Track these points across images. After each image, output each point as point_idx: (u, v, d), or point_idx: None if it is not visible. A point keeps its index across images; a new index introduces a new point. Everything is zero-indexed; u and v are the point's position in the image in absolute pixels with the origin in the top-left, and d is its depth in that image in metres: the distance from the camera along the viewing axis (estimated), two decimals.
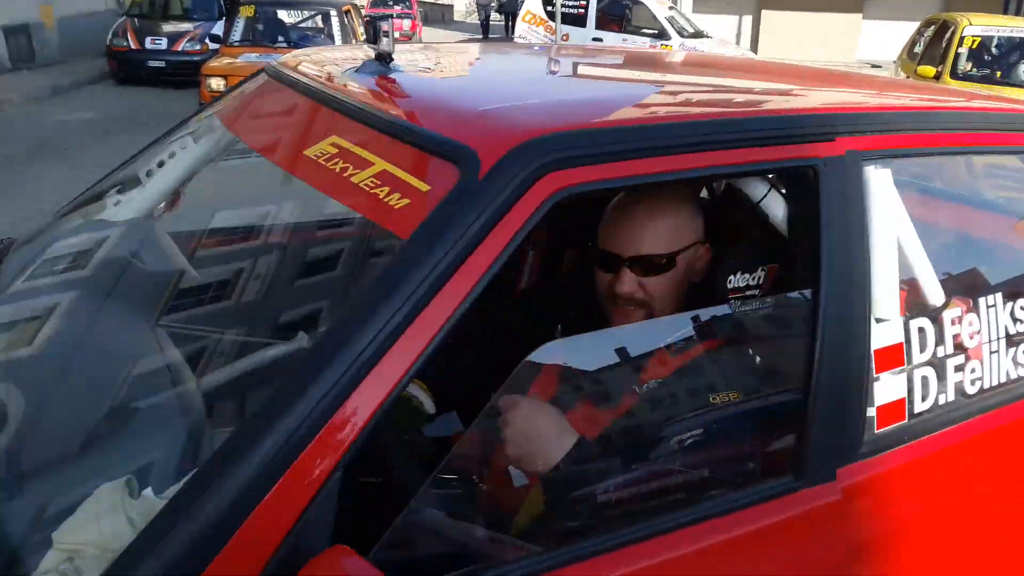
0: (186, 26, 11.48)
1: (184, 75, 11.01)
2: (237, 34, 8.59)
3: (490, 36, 19.51)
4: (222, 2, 12.04)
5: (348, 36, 8.75)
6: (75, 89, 10.84)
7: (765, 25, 15.55)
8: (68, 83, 10.87)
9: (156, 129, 8.74)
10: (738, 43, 15.58)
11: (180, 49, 11.03)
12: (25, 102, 9.65)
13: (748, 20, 15.86)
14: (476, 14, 29.72)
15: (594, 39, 11.09)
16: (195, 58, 11.03)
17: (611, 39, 11.04)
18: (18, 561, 1.15)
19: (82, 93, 10.69)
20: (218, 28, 11.43)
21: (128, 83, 11.14)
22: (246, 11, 8.70)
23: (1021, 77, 7.27)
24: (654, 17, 10.90)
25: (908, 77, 8.21)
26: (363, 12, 11.09)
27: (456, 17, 41.13)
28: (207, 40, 11.18)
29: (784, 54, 14.67)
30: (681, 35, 10.88)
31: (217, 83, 7.21)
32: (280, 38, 8.78)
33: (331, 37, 8.75)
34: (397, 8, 17.92)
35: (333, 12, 8.88)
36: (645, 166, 1.16)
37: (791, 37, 15.05)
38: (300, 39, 8.66)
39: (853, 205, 1.31)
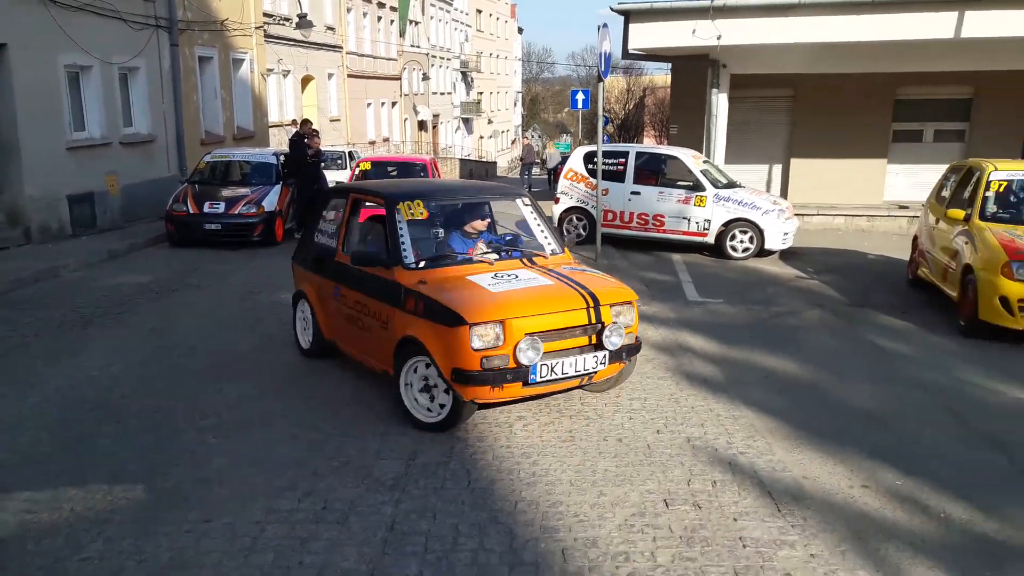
0: (244, 191, 12.32)
1: (239, 236, 11.82)
2: None
3: (532, 190, 20.69)
4: (280, 167, 12.99)
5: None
6: (132, 252, 11.41)
7: (795, 172, 16.26)
8: (126, 247, 11.47)
9: (208, 289, 9.38)
10: (768, 190, 16.24)
11: (237, 212, 11.82)
12: (81, 266, 10.12)
13: (778, 168, 16.59)
14: (518, 170, 31.85)
15: (632, 193, 11.75)
16: (251, 220, 11.85)
17: (648, 192, 11.67)
18: None
19: (138, 256, 11.23)
20: (275, 192, 12.35)
21: (183, 245, 11.74)
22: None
23: None
24: (689, 171, 11.55)
25: (937, 220, 8.55)
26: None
27: (499, 173, 43.51)
28: (263, 203, 12.03)
29: (814, 199, 15.25)
30: (715, 186, 11.47)
31: None
32: None
33: None
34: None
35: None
36: None
37: (820, 182, 15.69)
38: None
39: None
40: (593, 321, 4.78)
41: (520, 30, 71.62)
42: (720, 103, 14.04)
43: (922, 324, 7.75)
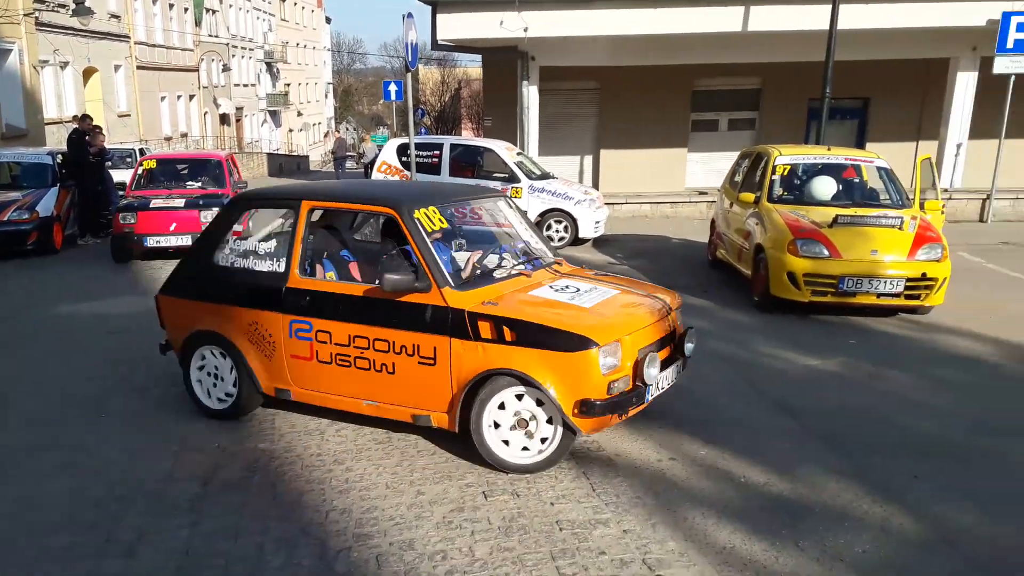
0: (14, 195, 11.12)
1: (10, 245, 10.62)
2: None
3: None
4: (57, 168, 11.79)
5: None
6: None
7: (604, 163, 16.98)
8: None
9: None
10: (581, 180, 16.85)
11: (6, 219, 10.62)
12: None
13: (589, 159, 17.26)
14: (331, 164, 31.08)
15: None
16: (23, 227, 10.69)
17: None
18: None
19: None
20: (51, 195, 11.19)
21: None
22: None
23: (814, 196, 8.30)
24: (504, 163, 11.69)
25: (732, 204, 9.20)
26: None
27: (312, 167, 42.11)
28: (37, 208, 10.88)
29: (623, 188, 16.01)
30: (530, 177, 11.70)
31: None
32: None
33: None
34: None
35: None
36: None
37: (628, 172, 16.50)
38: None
39: None
40: (673, 329, 4.60)
41: (328, 20, 69.91)
42: (531, 96, 14.36)
43: (722, 302, 8.30)
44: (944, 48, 13.95)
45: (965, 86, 14.01)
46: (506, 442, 4.14)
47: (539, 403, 4.06)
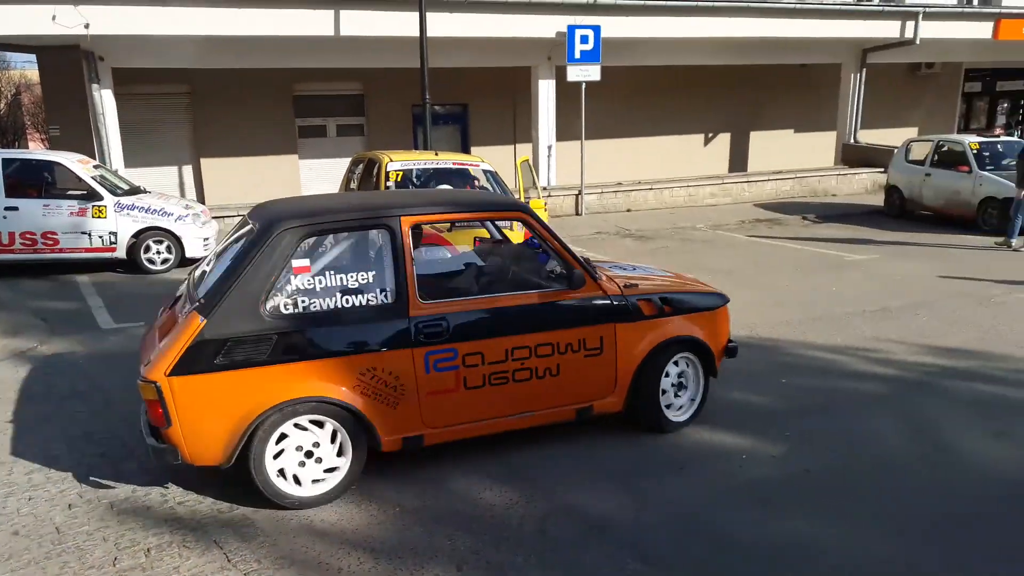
0: None
1: None
2: None
3: None
4: None
5: None
6: None
7: (208, 173, 15.74)
8: None
9: None
10: (183, 194, 15.42)
11: None
12: None
13: (189, 169, 15.87)
14: None
15: (7, 208, 9.78)
16: None
17: (29, 206, 9.87)
18: None
19: None
20: None
21: None
22: None
23: None
24: (79, 178, 10.09)
25: None
26: None
27: None
28: None
29: (234, 199, 15.00)
30: (115, 193, 10.27)
31: None
32: None
33: None
34: None
35: None
36: None
37: (237, 181, 15.49)
38: None
39: None
40: None
41: None
42: (105, 100, 12.70)
43: None
44: (525, 57, 15.33)
45: (547, 92, 15.55)
46: (671, 405, 4.85)
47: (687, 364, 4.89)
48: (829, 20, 16.10)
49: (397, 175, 8.55)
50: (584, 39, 14.09)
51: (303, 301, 3.87)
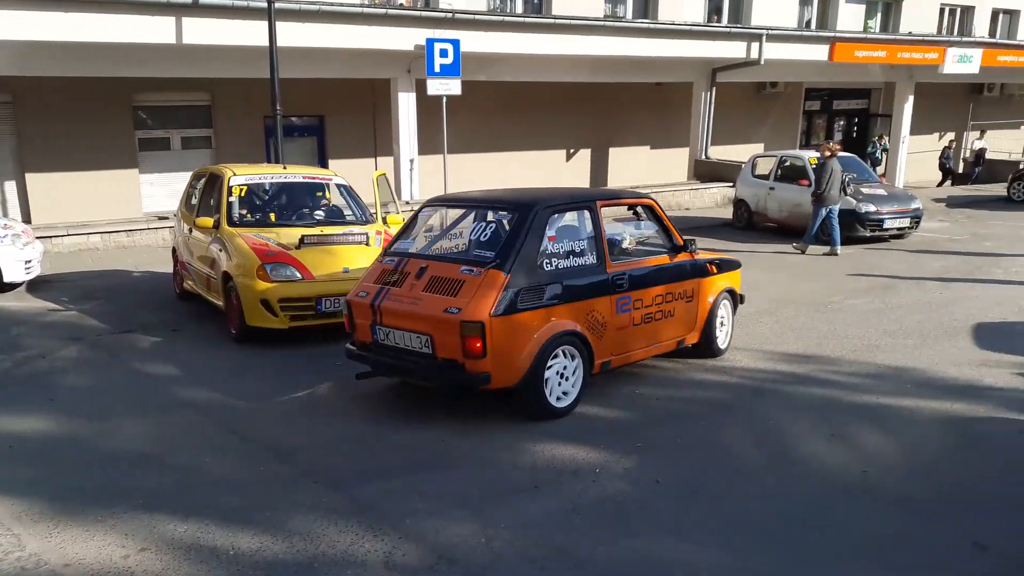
0: None
1: None
2: None
3: None
4: None
5: None
6: None
7: (34, 189, 14.58)
8: None
9: None
10: (4, 212, 14.23)
11: None
12: None
13: (12, 185, 14.65)
14: None
15: None
16: None
17: None
18: None
19: None
20: None
21: None
22: None
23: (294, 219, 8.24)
24: None
25: (191, 229, 8.55)
26: None
27: None
28: None
29: (64, 217, 13.96)
30: None
31: None
32: None
33: None
34: None
35: None
36: None
37: (68, 198, 14.43)
38: None
39: None
40: None
41: None
42: None
43: (195, 339, 7.64)
44: (384, 69, 15.15)
45: (407, 105, 15.42)
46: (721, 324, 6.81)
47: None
48: (680, 40, 16.82)
49: (241, 190, 8.19)
50: (444, 53, 14.08)
51: (555, 261, 5.38)
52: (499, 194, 6.19)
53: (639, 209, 6.40)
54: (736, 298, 7.00)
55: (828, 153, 12.30)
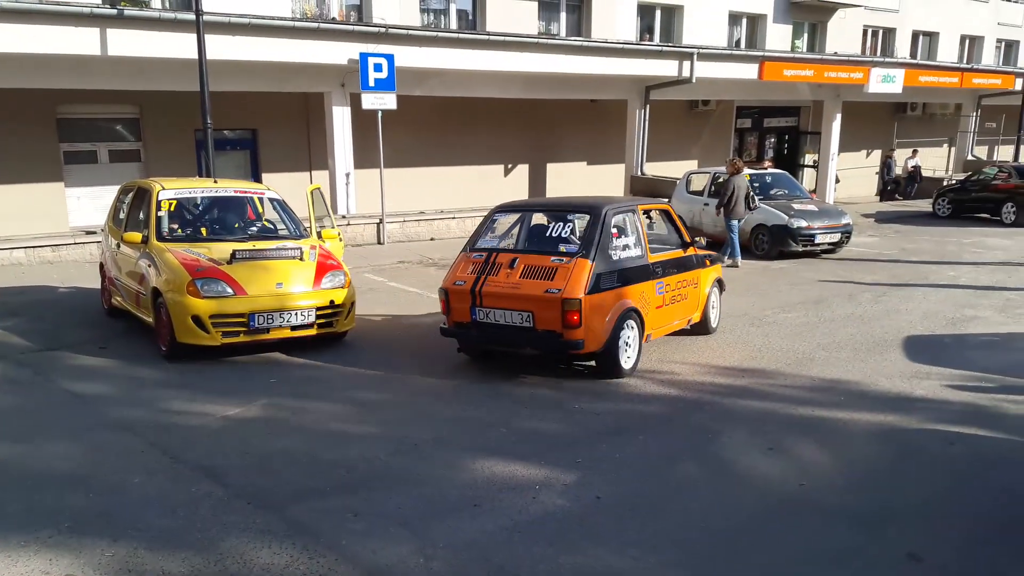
0: None
1: None
2: None
3: None
4: None
5: None
6: None
7: None
8: None
9: None
10: None
11: None
12: None
13: None
14: None
15: None
16: None
17: None
18: None
19: None
20: None
21: None
22: None
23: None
24: None
25: (119, 244, 8.29)
26: None
27: None
28: None
29: None
30: None
31: None
32: None
33: None
34: None
35: None
36: None
37: None
38: None
39: None
40: None
41: None
42: None
43: (124, 357, 7.39)
44: (317, 83, 14.97)
45: (341, 119, 15.26)
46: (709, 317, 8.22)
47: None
48: (612, 58, 17.06)
49: (170, 204, 7.98)
50: (378, 67, 14.01)
51: (618, 252, 6.70)
52: (568, 200, 7.78)
53: (656, 212, 8.09)
54: (722, 286, 8.52)
55: (732, 170, 12.65)
